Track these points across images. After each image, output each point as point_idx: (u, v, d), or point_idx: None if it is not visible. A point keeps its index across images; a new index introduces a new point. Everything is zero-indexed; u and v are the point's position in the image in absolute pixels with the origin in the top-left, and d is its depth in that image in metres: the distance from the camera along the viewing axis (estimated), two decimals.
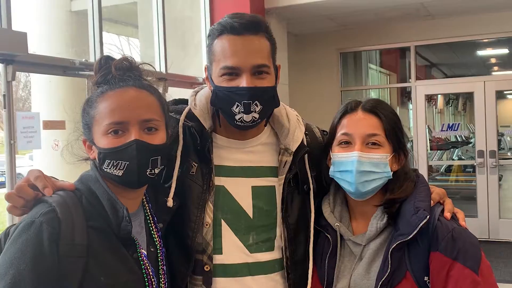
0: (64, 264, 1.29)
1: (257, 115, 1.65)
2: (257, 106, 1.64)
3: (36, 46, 5.27)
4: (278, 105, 1.76)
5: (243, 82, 1.63)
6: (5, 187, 3.88)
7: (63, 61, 4.34)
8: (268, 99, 1.68)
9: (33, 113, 4.05)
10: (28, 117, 3.90)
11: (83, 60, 4.41)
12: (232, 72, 1.64)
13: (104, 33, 4.86)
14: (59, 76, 4.71)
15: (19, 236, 1.28)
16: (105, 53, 4.88)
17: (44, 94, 5.67)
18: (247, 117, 1.64)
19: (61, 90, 5.32)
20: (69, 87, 5.14)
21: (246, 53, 1.64)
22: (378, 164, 1.65)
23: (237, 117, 1.65)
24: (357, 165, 1.64)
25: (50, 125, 4.01)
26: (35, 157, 6.17)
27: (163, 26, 5.71)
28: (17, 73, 3.79)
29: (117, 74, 1.48)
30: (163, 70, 5.61)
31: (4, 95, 3.72)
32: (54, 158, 4.34)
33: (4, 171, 3.83)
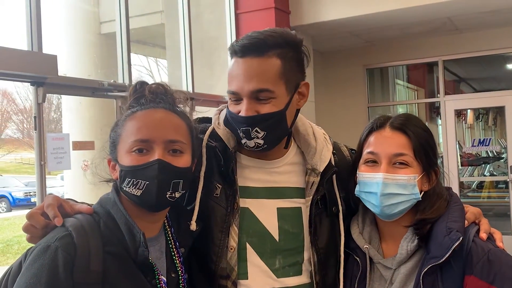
0: None
1: (261, 141, 1.59)
2: (258, 133, 1.57)
3: (66, 68, 5.38)
4: (287, 129, 1.65)
5: (242, 107, 1.57)
6: None
7: (92, 83, 4.42)
8: (271, 125, 1.59)
9: (63, 134, 4.13)
10: (58, 138, 3.96)
11: (112, 81, 4.47)
12: (235, 97, 1.59)
13: (132, 55, 4.94)
14: (89, 97, 4.79)
15: (34, 261, 1.26)
16: (133, 74, 4.97)
17: (74, 115, 5.78)
18: (250, 143, 1.59)
19: (91, 111, 5.41)
20: (98, 108, 5.23)
21: (244, 78, 1.56)
22: (405, 186, 1.57)
23: (242, 141, 1.61)
24: (382, 188, 1.57)
25: (79, 145, 4.06)
26: (66, 177, 6.26)
27: (190, 46, 5.78)
28: (49, 95, 3.87)
29: (150, 96, 1.47)
30: (190, 89, 5.66)
31: (35, 117, 3.79)
32: (84, 178, 4.39)
33: (35, 192, 3.90)
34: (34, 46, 3.84)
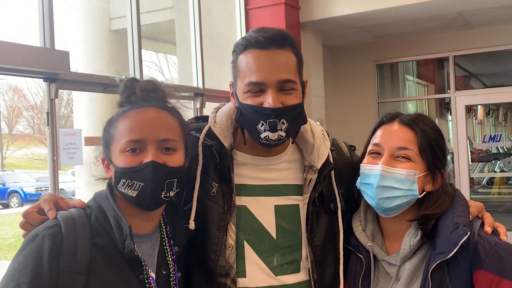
0: (64, 279, 1.29)
1: (283, 134, 1.58)
2: (283, 124, 1.57)
3: (78, 65, 5.43)
4: (305, 122, 1.69)
5: (268, 98, 1.56)
6: None
7: (103, 79, 4.45)
8: (294, 117, 1.61)
9: (75, 130, 4.16)
10: (70, 134, 4.00)
11: (123, 77, 4.50)
12: (258, 89, 1.58)
13: (143, 51, 4.96)
14: (100, 93, 4.83)
15: (23, 249, 1.32)
16: (144, 70, 4.99)
17: (85, 111, 5.81)
18: (273, 136, 1.57)
19: (102, 107, 5.44)
20: (110, 104, 5.26)
21: (271, 68, 1.57)
22: (402, 181, 1.56)
23: (262, 135, 1.58)
24: (379, 180, 1.57)
25: (91, 141, 4.09)
26: (77, 172, 6.31)
27: (200, 42, 5.79)
28: (60, 91, 3.91)
29: (141, 94, 1.48)
30: (200, 85, 5.68)
31: (47, 113, 3.83)
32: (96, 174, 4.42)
33: (48, 187, 3.93)
34: (46, 42, 3.88)
